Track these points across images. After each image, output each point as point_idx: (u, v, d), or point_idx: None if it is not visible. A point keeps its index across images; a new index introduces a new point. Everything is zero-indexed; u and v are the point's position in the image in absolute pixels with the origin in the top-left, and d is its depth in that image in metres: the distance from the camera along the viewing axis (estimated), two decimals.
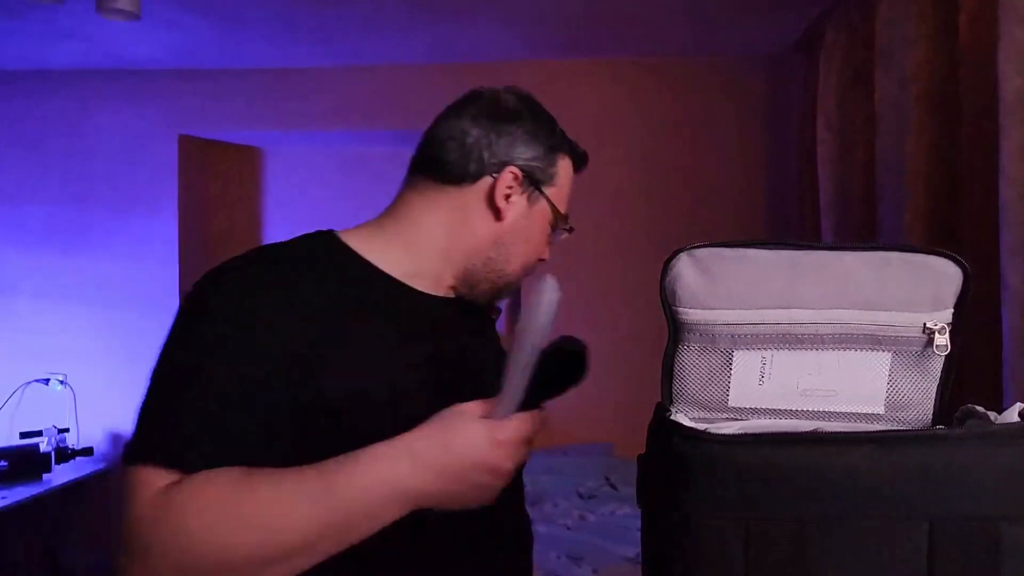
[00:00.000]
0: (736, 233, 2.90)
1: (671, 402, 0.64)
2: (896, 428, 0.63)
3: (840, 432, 0.50)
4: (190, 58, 3.07)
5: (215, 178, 3.46)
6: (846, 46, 2.32)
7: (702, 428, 0.52)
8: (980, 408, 0.59)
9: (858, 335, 0.62)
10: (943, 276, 0.62)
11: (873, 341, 0.62)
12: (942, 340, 0.62)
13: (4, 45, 2.93)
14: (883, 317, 0.62)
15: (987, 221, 1.57)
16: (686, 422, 0.53)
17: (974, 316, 1.62)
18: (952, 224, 1.75)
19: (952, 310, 0.63)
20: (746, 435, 0.50)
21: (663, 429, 0.54)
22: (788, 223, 2.98)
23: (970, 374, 1.63)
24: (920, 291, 0.62)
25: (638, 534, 0.66)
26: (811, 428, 0.59)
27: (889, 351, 0.63)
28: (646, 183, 3.11)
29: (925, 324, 0.62)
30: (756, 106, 3.10)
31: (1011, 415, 0.55)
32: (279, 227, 3.44)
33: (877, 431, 0.51)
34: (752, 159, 3.10)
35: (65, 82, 3.23)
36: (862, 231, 2.15)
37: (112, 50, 2.98)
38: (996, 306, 1.50)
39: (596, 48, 3.01)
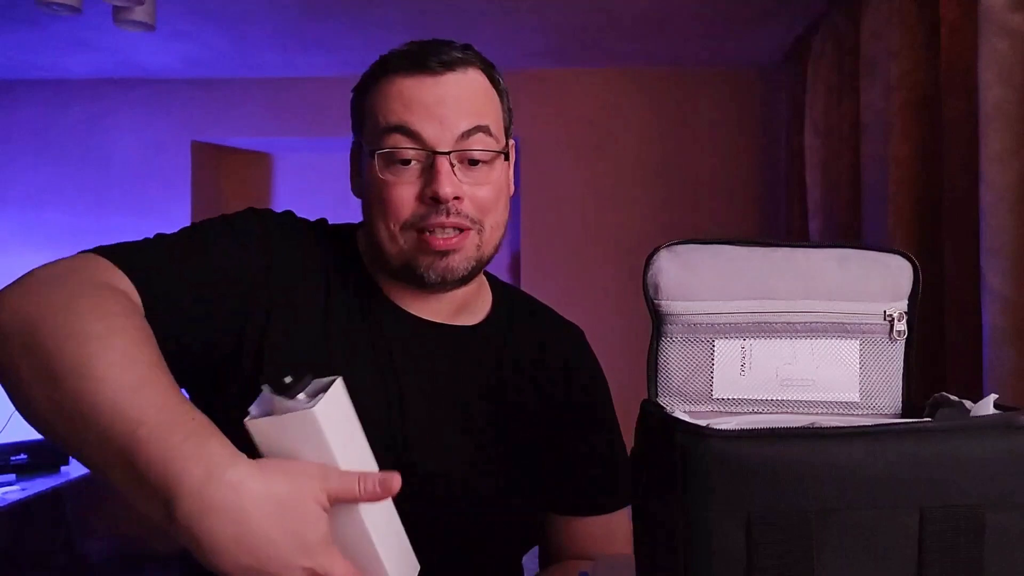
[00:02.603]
0: (728, 234, 2.95)
1: (657, 395, 0.64)
2: (872, 415, 0.66)
3: (836, 427, 0.51)
4: (203, 67, 3.12)
5: (227, 183, 3.51)
6: (833, 56, 2.37)
7: (703, 424, 0.52)
8: (953, 396, 0.62)
9: (827, 324, 0.65)
10: (897, 270, 0.66)
11: (841, 330, 0.66)
12: (901, 326, 0.66)
13: (25, 55, 2.98)
14: (847, 307, 0.65)
15: (968, 223, 1.60)
16: (684, 417, 0.54)
17: (957, 313, 1.67)
18: (934, 226, 1.79)
19: (907, 301, 0.67)
20: (746, 430, 0.50)
21: (662, 425, 0.54)
22: (777, 225, 3.03)
23: (953, 367, 1.67)
24: (878, 283, 0.66)
25: None
26: (805, 423, 0.60)
27: (857, 339, 0.66)
28: (640, 187, 3.16)
29: (885, 312, 0.66)
30: (747, 114, 3.16)
31: (986, 405, 0.57)
32: None
33: (871, 425, 0.51)
34: (743, 164, 3.16)
35: (82, 91, 3.28)
36: (848, 232, 2.19)
37: (128, 60, 3.03)
38: (977, 303, 1.54)
39: (593, 59, 3.08)
